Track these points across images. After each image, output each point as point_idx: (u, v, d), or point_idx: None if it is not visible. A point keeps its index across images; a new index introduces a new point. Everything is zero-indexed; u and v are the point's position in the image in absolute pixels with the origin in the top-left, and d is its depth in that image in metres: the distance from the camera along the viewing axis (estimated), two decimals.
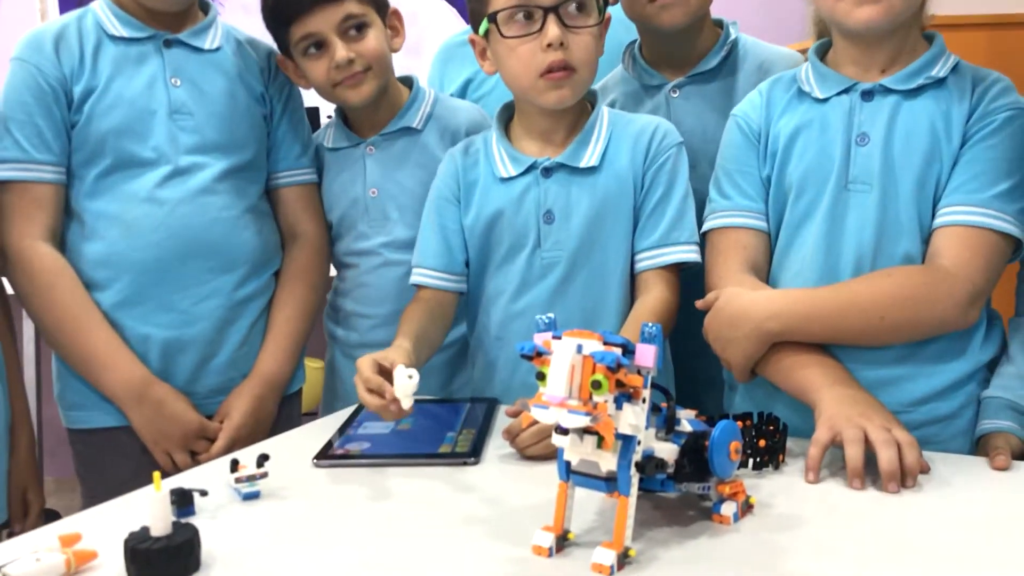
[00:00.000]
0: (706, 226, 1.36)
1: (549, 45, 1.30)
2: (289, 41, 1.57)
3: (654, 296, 1.37)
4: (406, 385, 1.11)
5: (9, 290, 1.53)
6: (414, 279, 1.47)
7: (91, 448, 1.55)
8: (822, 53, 1.31)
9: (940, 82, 1.22)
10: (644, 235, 1.40)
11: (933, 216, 1.21)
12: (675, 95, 1.56)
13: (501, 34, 1.34)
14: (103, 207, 1.49)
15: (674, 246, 1.39)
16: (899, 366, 1.21)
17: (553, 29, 1.30)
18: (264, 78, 1.62)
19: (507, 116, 1.47)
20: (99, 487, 1.52)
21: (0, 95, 1.49)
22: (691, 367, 1.45)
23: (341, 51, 1.52)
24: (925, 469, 1.05)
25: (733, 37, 1.57)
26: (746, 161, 1.33)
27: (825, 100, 1.27)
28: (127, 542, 0.86)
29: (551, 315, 0.88)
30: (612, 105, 1.60)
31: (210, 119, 1.53)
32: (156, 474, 0.88)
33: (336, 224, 1.69)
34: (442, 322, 1.44)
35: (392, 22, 1.62)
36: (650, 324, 0.83)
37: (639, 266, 1.41)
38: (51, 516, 1.68)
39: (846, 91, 1.25)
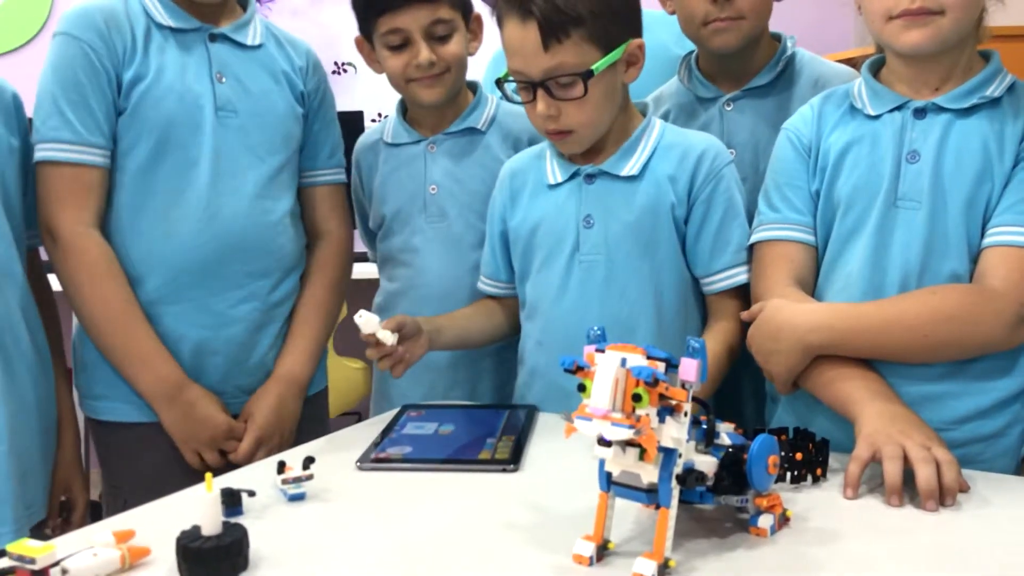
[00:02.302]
0: (754, 238, 1.38)
1: (539, 116, 1.36)
2: (374, 30, 1.60)
3: (734, 320, 1.40)
4: (361, 324, 1.30)
5: (55, 286, 1.56)
6: (479, 286, 1.59)
7: (112, 438, 1.58)
8: (875, 69, 1.33)
9: (995, 102, 1.24)
10: (716, 256, 1.42)
11: (982, 235, 1.22)
12: (729, 108, 1.58)
13: (506, 97, 1.42)
14: (144, 202, 1.49)
15: (748, 264, 1.42)
16: (943, 383, 1.22)
17: (540, 105, 1.35)
18: (303, 77, 1.64)
19: None
20: (123, 479, 1.57)
21: (47, 69, 1.47)
22: (733, 379, 1.46)
23: (424, 53, 1.56)
24: (964, 488, 1.07)
25: (790, 52, 1.58)
26: (796, 175, 1.35)
27: (877, 117, 1.29)
28: (179, 540, 0.90)
29: (602, 326, 0.91)
30: (666, 116, 1.63)
31: (253, 118, 1.55)
32: (208, 475, 0.92)
33: (389, 219, 1.72)
34: (501, 318, 1.57)
35: (473, 26, 1.65)
36: (695, 339, 0.85)
37: (714, 287, 1.43)
38: (94, 509, 1.73)
39: (898, 108, 1.27)
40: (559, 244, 1.45)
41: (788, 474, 1.10)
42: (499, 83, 1.40)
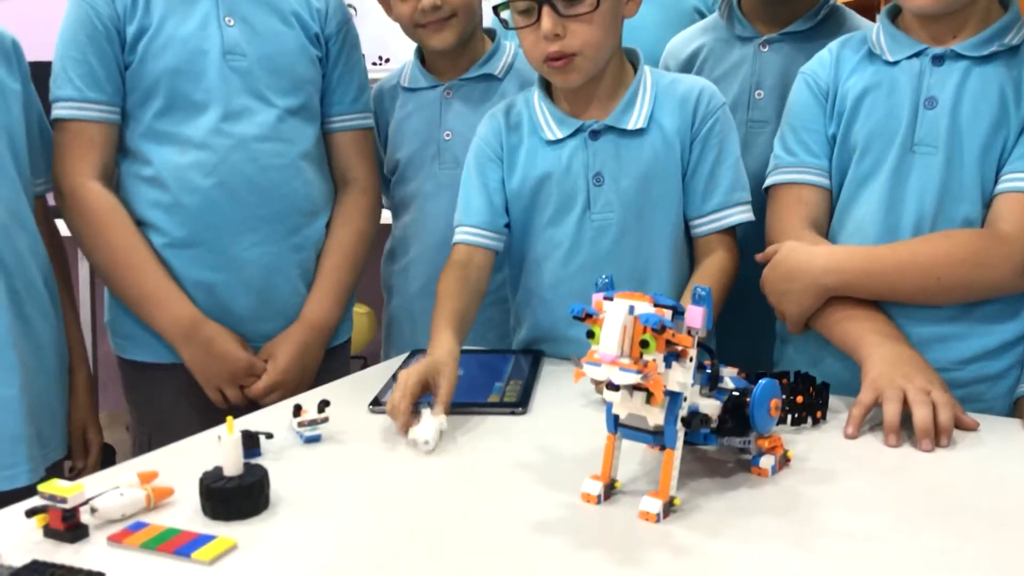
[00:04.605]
0: (769, 181, 1.42)
1: (545, 37, 1.35)
2: None
3: (719, 257, 1.43)
4: (426, 429, 1.12)
5: (64, 231, 1.61)
6: (457, 237, 1.50)
7: (139, 378, 1.65)
8: (894, 15, 1.36)
9: (1013, 50, 1.27)
10: (706, 200, 1.45)
11: (996, 181, 1.26)
12: (764, 50, 1.61)
13: (504, 24, 1.41)
14: (157, 149, 1.55)
15: (736, 207, 1.45)
16: (952, 324, 1.28)
17: (546, 22, 1.34)
18: (319, 19, 1.65)
19: None
20: (147, 413, 1.64)
21: (59, 32, 1.55)
22: (744, 318, 1.50)
23: None
24: (973, 426, 1.13)
25: (832, 3, 1.61)
26: (813, 118, 1.39)
27: (895, 63, 1.32)
28: (203, 481, 0.96)
29: (610, 275, 0.96)
30: (698, 51, 1.66)
31: (262, 60, 1.57)
32: (229, 418, 0.98)
33: (403, 164, 1.75)
34: (478, 288, 1.46)
35: None
36: (701, 286, 0.89)
37: (701, 230, 1.46)
38: (106, 450, 1.77)
39: (916, 55, 1.31)
40: (568, 203, 1.46)
41: (789, 416, 1.15)
42: (496, 10, 1.41)
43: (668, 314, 0.88)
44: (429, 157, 1.70)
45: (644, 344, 0.87)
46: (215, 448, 0.96)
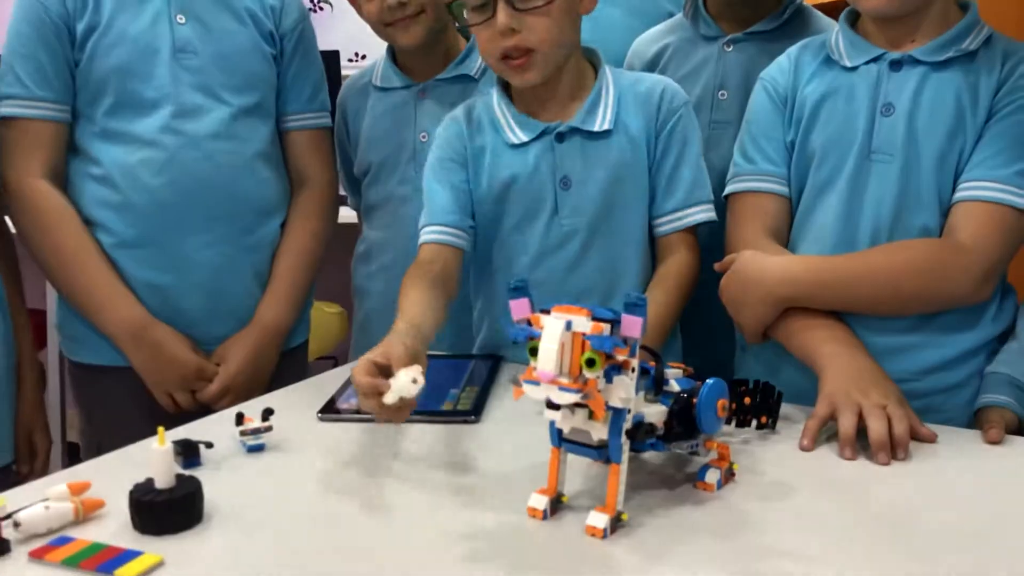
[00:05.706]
0: (729, 189, 1.39)
1: (500, 32, 1.32)
2: None
3: (679, 259, 1.41)
4: (405, 387, 1.02)
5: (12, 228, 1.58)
6: (424, 238, 1.43)
7: (88, 381, 1.61)
8: (853, 19, 1.33)
9: (970, 55, 1.24)
10: (667, 198, 1.42)
11: (954, 190, 1.23)
12: (729, 49, 1.58)
13: (458, 21, 1.37)
14: (107, 148, 1.51)
15: (696, 206, 1.42)
16: (910, 335, 1.25)
17: (501, 16, 1.31)
18: (274, 17, 1.62)
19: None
20: (96, 417, 1.61)
21: (8, 29, 1.51)
22: (704, 318, 1.47)
23: None
24: (931, 438, 1.11)
25: (797, 3, 1.58)
26: (771, 125, 1.36)
27: (853, 68, 1.29)
28: (132, 493, 0.92)
29: (523, 279, 0.92)
30: (663, 51, 1.63)
31: (215, 58, 1.54)
32: (160, 429, 0.93)
33: (376, 166, 1.70)
34: (445, 289, 1.35)
35: None
36: (637, 295, 0.84)
37: (662, 229, 1.43)
38: (73, 450, 1.73)
39: (874, 60, 1.28)
40: (535, 207, 1.42)
41: (734, 418, 1.13)
42: (450, 8, 1.38)
43: (607, 328, 0.84)
44: (404, 160, 1.66)
45: (590, 363, 0.82)
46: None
